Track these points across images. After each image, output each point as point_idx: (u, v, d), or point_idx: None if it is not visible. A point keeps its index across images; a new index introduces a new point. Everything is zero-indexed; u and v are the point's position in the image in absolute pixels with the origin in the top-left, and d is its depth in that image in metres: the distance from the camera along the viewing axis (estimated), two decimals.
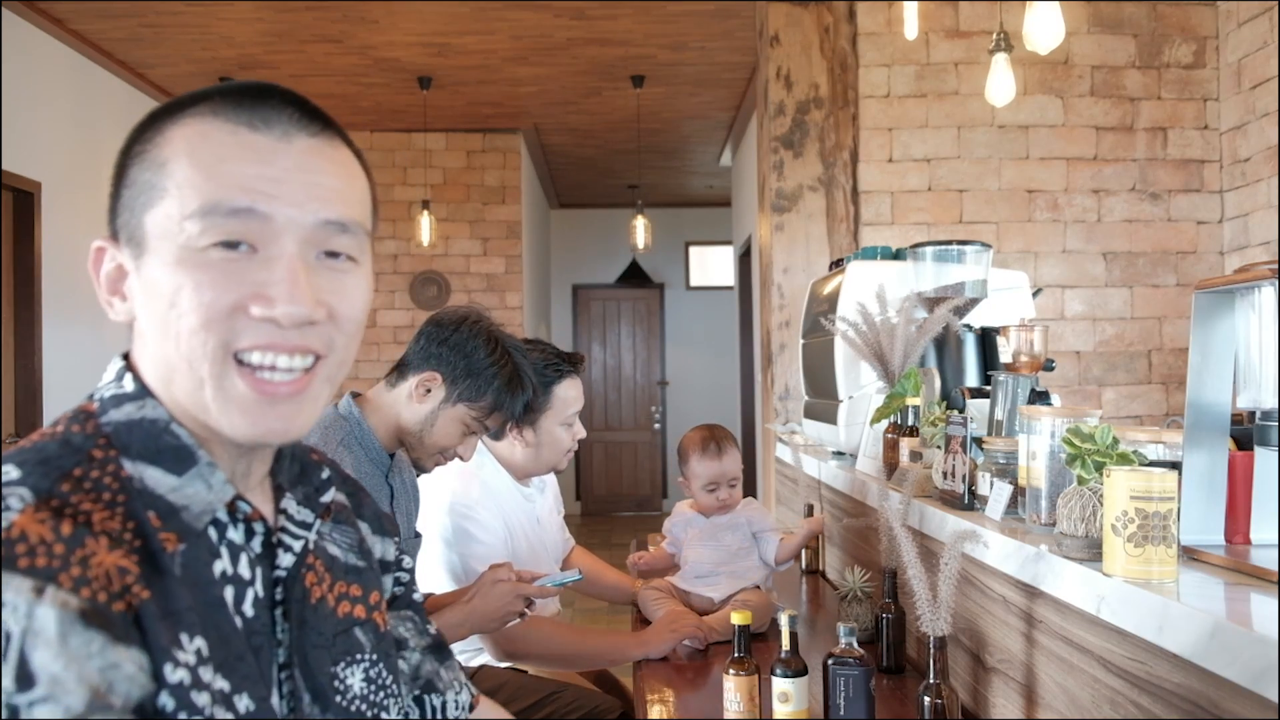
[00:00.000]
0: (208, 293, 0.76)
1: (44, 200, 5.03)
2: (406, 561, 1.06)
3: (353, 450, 1.85)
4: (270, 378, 0.78)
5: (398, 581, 1.04)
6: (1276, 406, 1.20)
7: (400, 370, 1.93)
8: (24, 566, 0.65)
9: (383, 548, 1.02)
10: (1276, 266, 1.16)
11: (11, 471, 0.72)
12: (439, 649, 1.07)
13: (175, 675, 0.70)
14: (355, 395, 1.93)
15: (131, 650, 0.68)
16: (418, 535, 2.06)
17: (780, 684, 1.60)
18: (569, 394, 2.33)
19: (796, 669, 1.60)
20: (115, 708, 0.65)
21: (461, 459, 1.97)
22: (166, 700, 0.69)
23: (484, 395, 1.89)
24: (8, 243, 4.86)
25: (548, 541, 2.48)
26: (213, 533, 0.79)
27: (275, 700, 0.81)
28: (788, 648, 1.61)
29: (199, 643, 0.73)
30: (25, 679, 0.63)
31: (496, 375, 1.89)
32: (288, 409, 0.79)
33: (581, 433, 2.39)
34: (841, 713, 1.57)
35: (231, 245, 0.76)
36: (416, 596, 1.06)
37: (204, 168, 0.77)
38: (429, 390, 1.88)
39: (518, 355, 1.94)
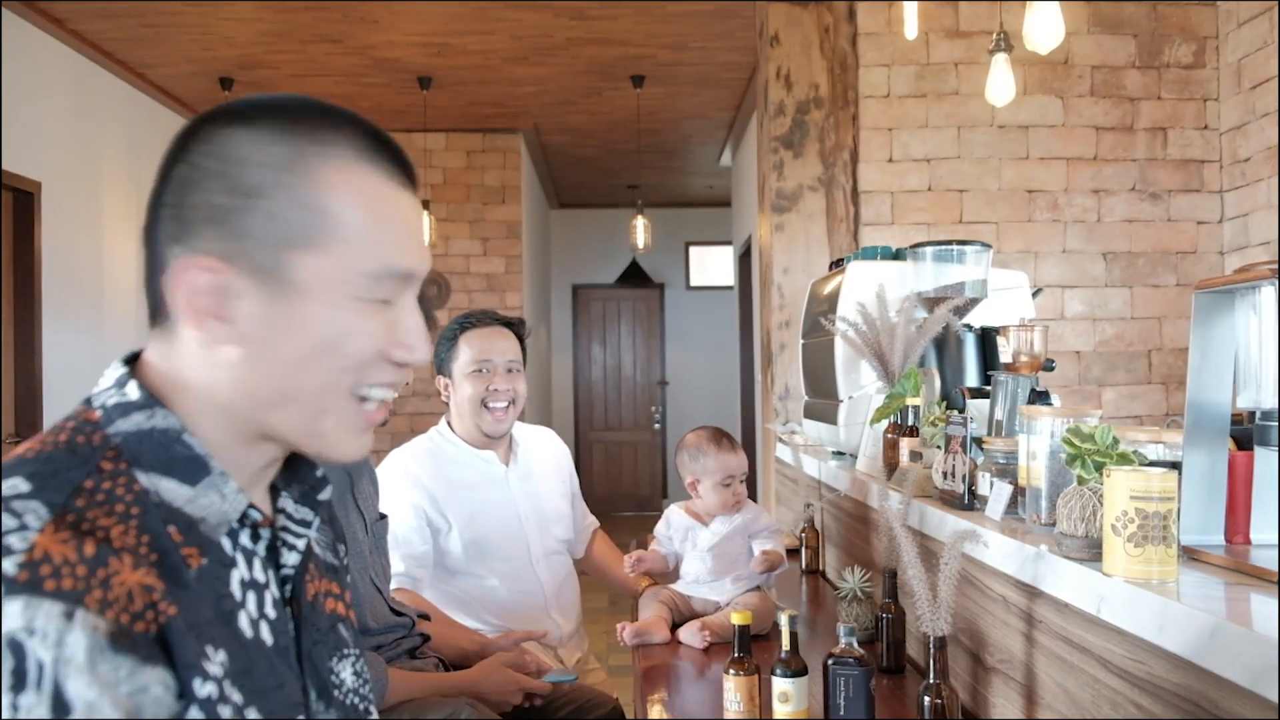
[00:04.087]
0: (368, 342, 0.81)
1: (44, 200, 5.02)
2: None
3: None
4: (374, 409, 0.85)
5: None
6: (1276, 406, 1.20)
7: None
8: (51, 589, 0.64)
9: (341, 551, 1.03)
10: (1276, 266, 1.16)
11: (20, 484, 0.70)
12: None
13: (204, 689, 0.70)
14: None
15: (157, 670, 0.67)
16: (383, 517, 2.10)
17: (780, 684, 1.60)
18: (473, 340, 2.45)
19: (796, 669, 1.60)
20: None
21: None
22: (196, 714, 0.69)
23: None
24: (8, 243, 4.86)
25: (540, 512, 2.52)
26: (226, 542, 0.80)
27: (313, 698, 0.83)
28: (788, 648, 1.61)
29: (222, 655, 0.73)
30: (61, 707, 0.62)
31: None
32: (372, 434, 0.87)
33: (499, 385, 2.44)
34: (841, 713, 1.57)
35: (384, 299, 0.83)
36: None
37: (378, 226, 0.82)
38: None
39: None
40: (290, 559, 0.85)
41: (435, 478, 2.44)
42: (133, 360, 0.83)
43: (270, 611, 0.81)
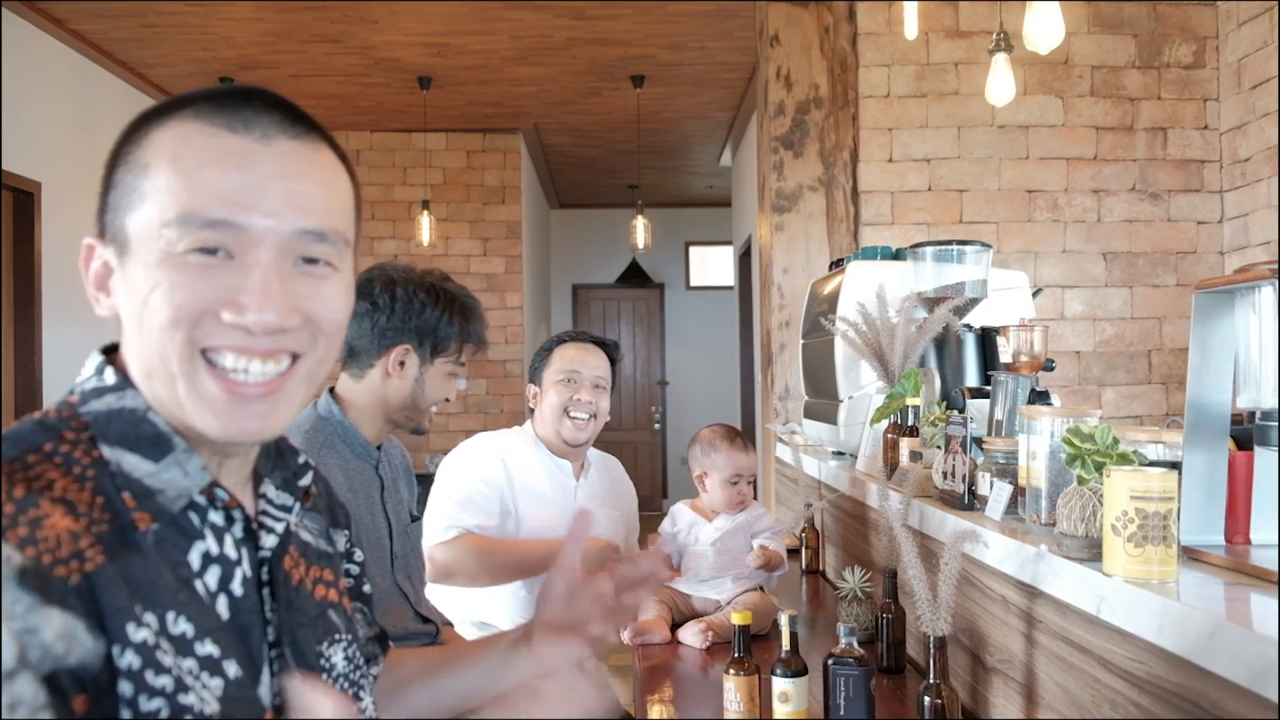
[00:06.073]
0: (180, 293, 0.77)
1: (44, 200, 5.02)
2: (358, 554, 1.08)
3: (337, 450, 1.89)
4: (243, 379, 0.79)
5: (347, 573, 1.06)
6: (1276, 406, 1.20)
7: (356, 356, 1.94)
8: None
9: (338, 538, 1.04)
10: (1276, 266, 1.16)
11: None
12: (384, 640, 1.13)
13: (139, 635, 0.71)
14: (331, 391, 1.97)
15: (65, 617, 0.68)
16: (415, 519, 2.09)
17: (780, 684, 1.60)
18: (567, 353, 2.57)
19: (796, 669, 1.60)
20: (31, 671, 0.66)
21: (449, 400, 2.03)
22: (132, 659, 0.71)
23: (449, 341, 1.95)
24: (8, 243, 4.86)
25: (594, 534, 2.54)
26: (193, 516, 0.81)
27: (266, 677, 0.82)
28: (788, 648, 1.61)
29: (169, 619, 0.74)
30: None
31: (452, 319, 1.95)
32: (261, 408, 0.80)
33: (584, 396, 2.54)
34: (841, 713, 1.57)
35: (209, 251, 0.78)
36: (366, 589, 1.10)
37: (183, 175, 0.78)
38: (403, 363, 1.93)
39: (441, 284, 1.99)
40: (268, 541, 0.86)
41: (519, 468, 2.53)
42: (114, 349, 0.86)
43: (236, 589, 0.82)
